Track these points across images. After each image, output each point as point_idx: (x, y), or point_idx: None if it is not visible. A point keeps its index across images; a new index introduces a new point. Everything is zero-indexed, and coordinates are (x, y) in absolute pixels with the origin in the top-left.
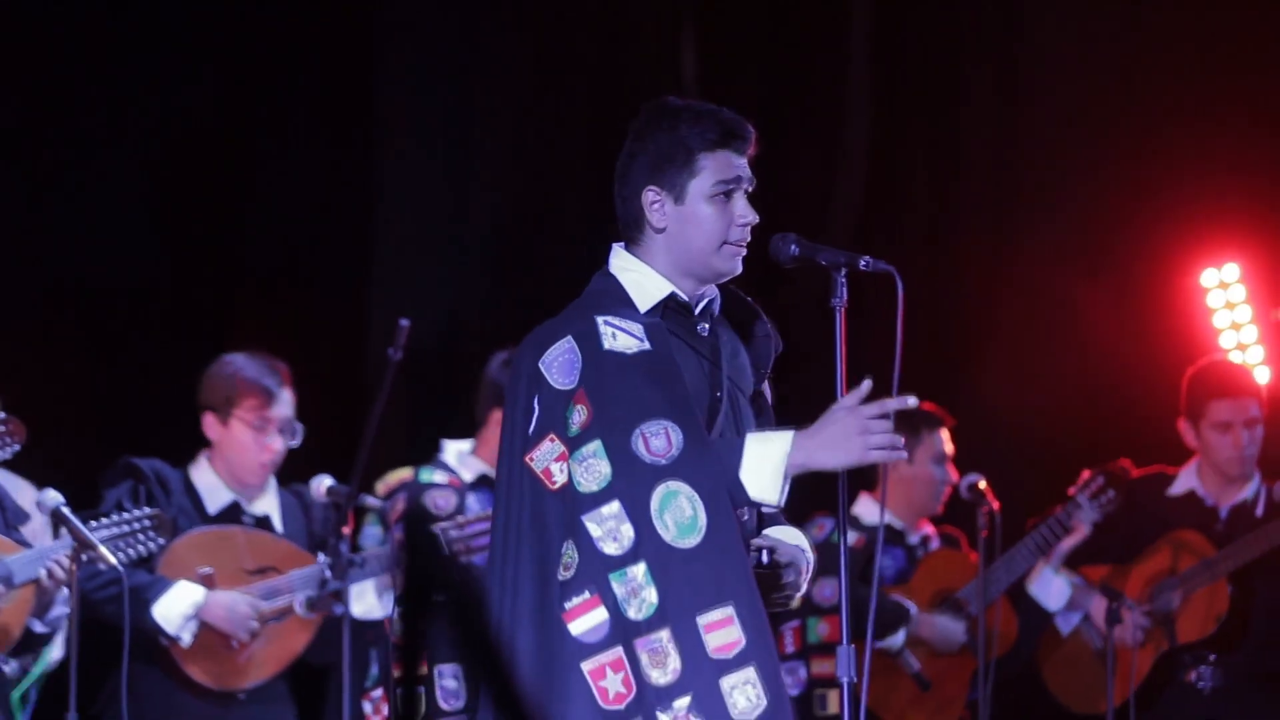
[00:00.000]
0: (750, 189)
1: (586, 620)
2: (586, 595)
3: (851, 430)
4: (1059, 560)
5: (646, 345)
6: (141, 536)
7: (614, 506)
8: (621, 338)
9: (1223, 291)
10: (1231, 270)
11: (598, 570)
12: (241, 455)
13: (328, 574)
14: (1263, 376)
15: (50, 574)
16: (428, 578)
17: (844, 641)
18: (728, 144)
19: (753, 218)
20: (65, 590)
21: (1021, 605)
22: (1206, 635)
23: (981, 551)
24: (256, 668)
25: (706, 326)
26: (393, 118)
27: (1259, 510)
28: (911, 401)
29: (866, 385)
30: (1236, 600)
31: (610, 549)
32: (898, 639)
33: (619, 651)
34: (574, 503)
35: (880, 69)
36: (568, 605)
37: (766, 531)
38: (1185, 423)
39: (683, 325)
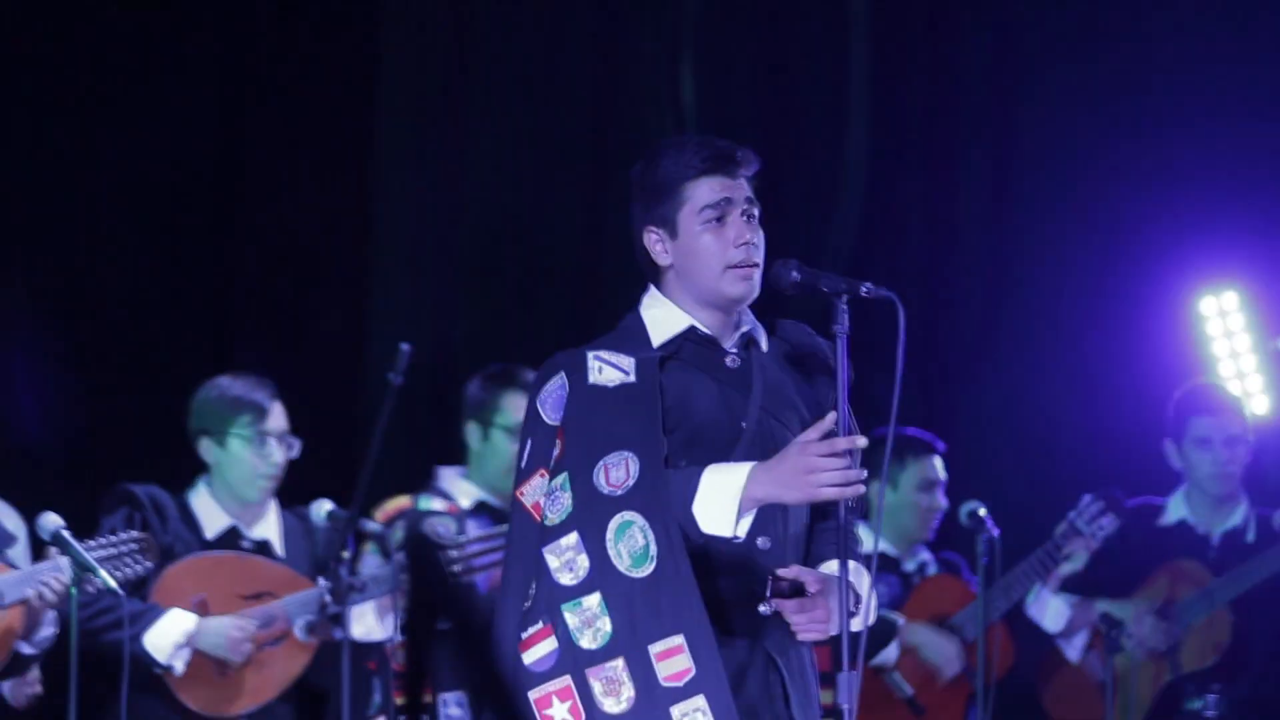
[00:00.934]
0: (751, 210)
1: (537, 650)
2: (540, 625)
3: (801, 470)
4: (1056, 583)
5: (630, 378)
6: (129, 560)
7: (572, 538)
8: (607, 371)
9: (1221, 319)
10: (1230, 298)
11: (552, 601)
12: (242, 473)
13: (328, 598)
14: (1261, 405)
15: (40, 596)
16: (431, 605)
17: (845, 668)
18: (713, 169)
19: (750, 237)
20: (52, 613)
21: (1019, 630)
22: (1209, 664)
23: (981, 578)
24: (252, 693)
25: (738, 358)
26: (390, 143)
27: (1249, 536)
28: (861, 442)
29: (829, 420)
30: (1238, 628)
31: (565, 579)
32: (890, 653)
33: (566, 680)
34: (540, 536)
35: (879, 94)
36: (524, 635)
37: (821, 566)
38: (1169, 444)
39: (704, 357)
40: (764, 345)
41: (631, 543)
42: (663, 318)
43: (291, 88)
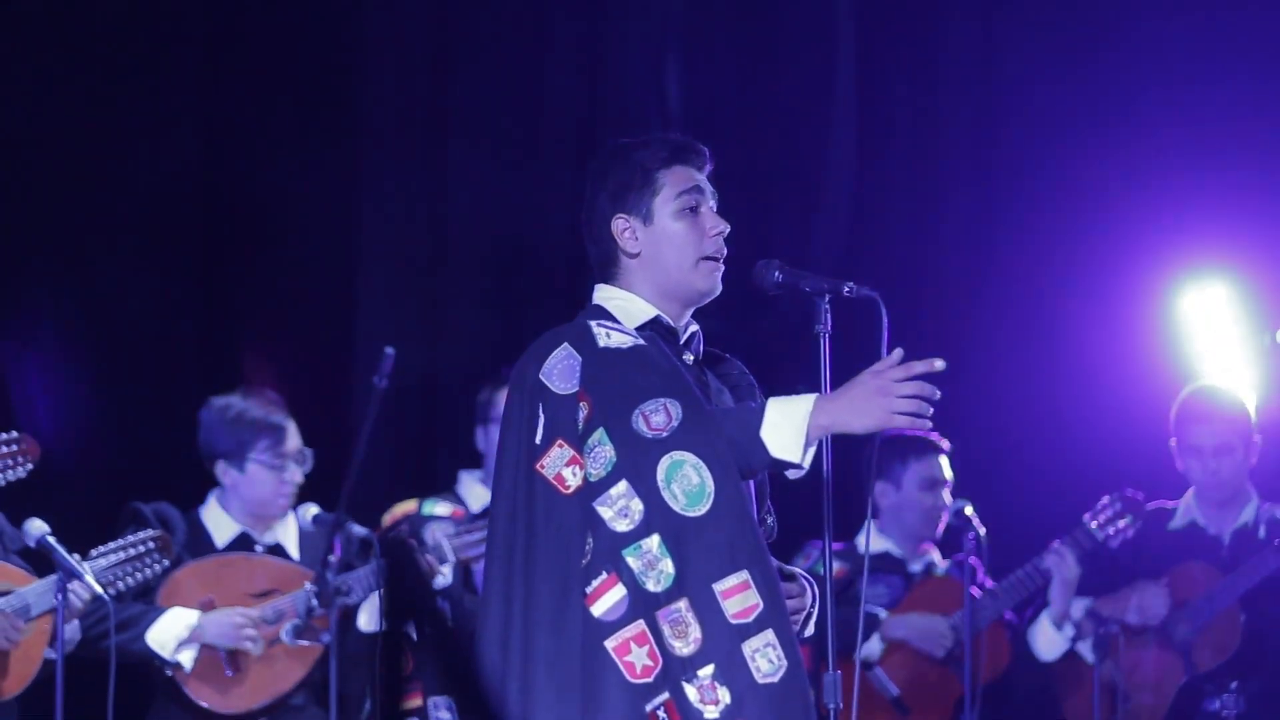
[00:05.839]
0: (714, 202)
1: (606, 600)
2: (604, 576)
3: (875, 392)
4: (1059, 609)
5: (640, 342)
6: (147, 559)
7: (621, 486)
8: (616, 336)
9: (1209, 314)
10: (1218, 293)
11: (612, 549)
12: (262, 494)
13: (314, 602)
14: (1250, 400)
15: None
16: (410, 608)
17: (830, 668)
18: (681, 159)
19: (723, 227)
20: (75, 620)
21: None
22: (1223, 662)
23: (965, 577)
24: (264, 688)
25: (692, 357)
26: (376, 152)
27: (1260, 532)
28: (939, 364)
29: (897, 354)
30: (1250, 625)
31: (622, 527)
32: (872, 647)
33: (641, 625)
34: (587, 494)
35: (864, 96)
36: (588, 590)
37: None
38: (1174, 445)
39: (670, 349)
40: (700, 349)
41: (685, 482)
42: (630, 307)
43: (276, 95)
